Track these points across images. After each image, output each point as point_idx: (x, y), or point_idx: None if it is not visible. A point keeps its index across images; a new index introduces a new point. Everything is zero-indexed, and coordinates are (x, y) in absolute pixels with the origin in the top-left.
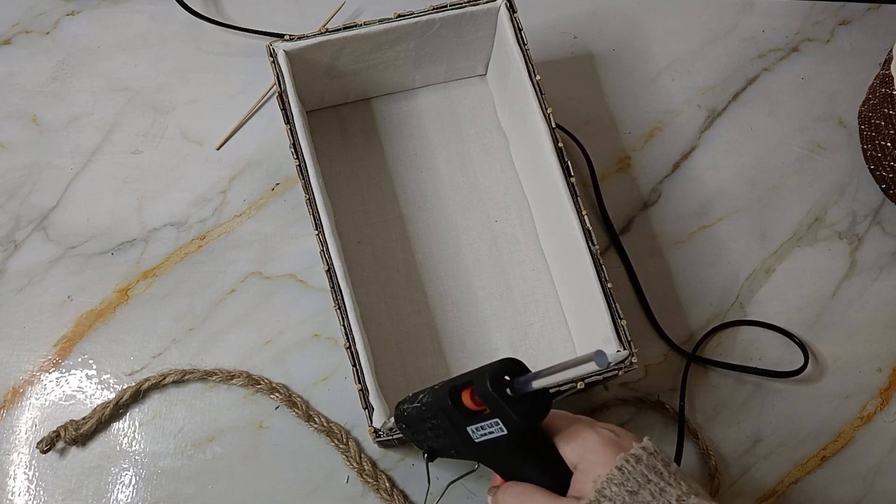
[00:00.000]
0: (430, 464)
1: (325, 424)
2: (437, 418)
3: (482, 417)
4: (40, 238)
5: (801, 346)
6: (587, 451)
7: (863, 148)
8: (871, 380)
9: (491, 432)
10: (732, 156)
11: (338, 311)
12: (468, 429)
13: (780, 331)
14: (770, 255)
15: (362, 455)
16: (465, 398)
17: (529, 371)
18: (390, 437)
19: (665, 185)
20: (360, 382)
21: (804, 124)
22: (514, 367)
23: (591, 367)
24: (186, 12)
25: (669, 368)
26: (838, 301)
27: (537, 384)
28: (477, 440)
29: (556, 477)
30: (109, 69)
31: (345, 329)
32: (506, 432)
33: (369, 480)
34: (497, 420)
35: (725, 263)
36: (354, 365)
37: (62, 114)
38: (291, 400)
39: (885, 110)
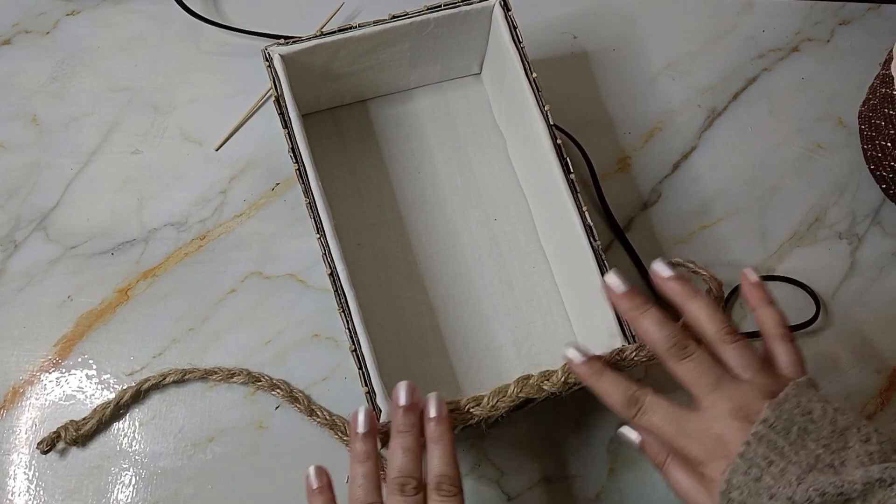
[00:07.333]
0: None
1: (328, 418)
2: None
3: None
4: (40, 238)
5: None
6: (716, 433)
7: (863, 148)
8: (870, 380)
9: None
10: (732, 156)
11: (342, 314)
12: None
13: (794, 283)
14: (770, 255)
15: None
16: None
17: None
18: None
19: (665, 185)
20: (366, 385)
21: (804, 124)
22: None
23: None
24: (186, 13)
25: None
26: (838, 301)
27: None
28: None
29: None
30: (109, 69)
31: (349, 332)
32: None
33: None
34: None
35: (725, 263)
36: (360, 368)
37: (62, 114)
38: (293, 395)
39: (885, 110)
